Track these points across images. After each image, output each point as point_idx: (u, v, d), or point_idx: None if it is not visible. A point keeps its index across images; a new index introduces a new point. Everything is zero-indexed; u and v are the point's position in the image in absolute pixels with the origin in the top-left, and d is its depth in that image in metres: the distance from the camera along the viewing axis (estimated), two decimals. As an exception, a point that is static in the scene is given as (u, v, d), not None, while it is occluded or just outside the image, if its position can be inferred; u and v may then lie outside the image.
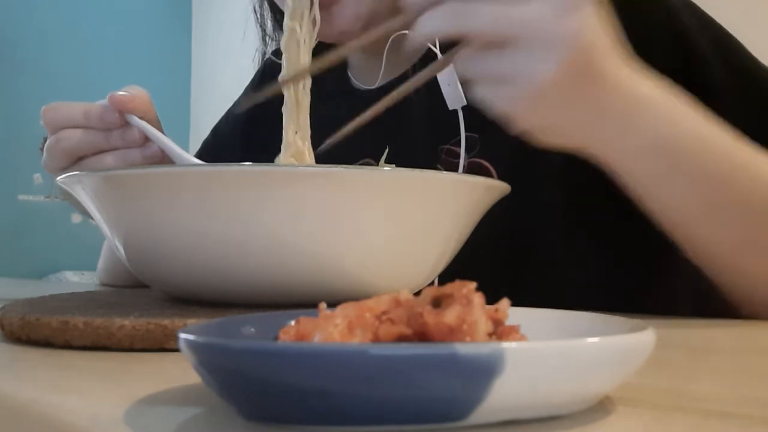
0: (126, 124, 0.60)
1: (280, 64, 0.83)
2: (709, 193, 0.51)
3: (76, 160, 0.61)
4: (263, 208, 0.40)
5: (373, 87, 0.76)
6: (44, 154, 0.62)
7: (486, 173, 0.66)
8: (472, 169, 0.66)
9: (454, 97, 0.59)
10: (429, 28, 0.44)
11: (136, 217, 0.43)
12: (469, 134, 0.64)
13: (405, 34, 0.67)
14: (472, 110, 0.59)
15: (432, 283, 0.51)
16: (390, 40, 0.69)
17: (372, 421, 0.20)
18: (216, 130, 0.94)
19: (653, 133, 0.48)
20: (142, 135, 0.60)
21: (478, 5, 0.42)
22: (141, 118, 0.61)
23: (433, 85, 0.69)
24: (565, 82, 0.43)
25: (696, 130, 0.50)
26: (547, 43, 0.42)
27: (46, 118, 0.61)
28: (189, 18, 3.79)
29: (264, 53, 0.87)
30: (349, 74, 0.80)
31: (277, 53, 0.85)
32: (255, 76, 0.94)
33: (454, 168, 0.66)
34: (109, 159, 0.61)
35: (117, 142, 0.60)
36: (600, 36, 0.45)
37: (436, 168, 0.68)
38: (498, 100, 0.45)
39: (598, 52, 0.44)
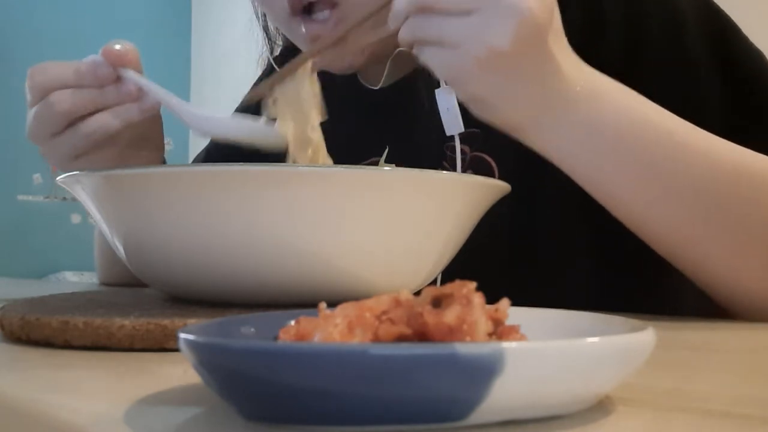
0: (119, 79, 0.58)
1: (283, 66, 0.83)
2: (656, 182, 0.51)
3: (70, 123, 0.58)
4: (263, 207, 0.40)
5: (378, 87, 0.76)
6: (31, 122, 0.59)
7: (488, 167, 0.66)
8: (474, 164, 0.67)
9: (452, 123, 0.59)
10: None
11: (136, 217, 0.43)
12: (471, 130, 0.65)
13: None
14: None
15: (434, 283, 0.51)
16: (390, 59, 0.70)
17: (372, 421, 0.20)
18: (207, 148, 0.93)
19: (592, 119, 0.49)
20: (137, 88, 0.58)
21: None
22: None
23: (432, 84, 0.69)
24: (516, 54, 0.44)
25: (640, 119, 0.50)
26: (506, 13, 0.43)
27: (34, 81, 0.58)
28: (189, 18, 3.79)
29: (268, 56, 0.87)
30: (358, 77, 0.81)
31: (283, 55, 0.86)
32: (259, 78, 0.94)
33: (455, 164, 0.67)
34: (106, 117, 0.58)
35: (112, 98, 0.58)
36: (555, 19, 0.46)
37: (442, 165, 0.69)
38: (446, 65, 0.46)
39: (551, 33, 0.46)
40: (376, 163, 0.71)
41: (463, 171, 0.67)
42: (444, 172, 0.65)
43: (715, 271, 0.53)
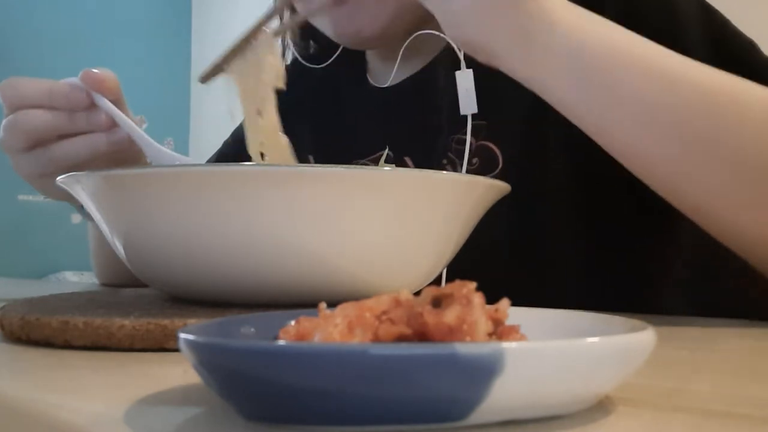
0: (92, 106, 0.56)
1: (297, 69, 0.85)
2: (635, 104, 0.50)
3: (37, 143, 0.58)
4: (262, 207, 0.40)
5: (386, 85, 0.77)
6: (2, 133, 0.58)
7: (493, 155, 0.67)
8: (479, 152, 0.67)
9: (467, 103, 0.60)
10: None
11: (136, 217, 0.43)
12: (476, 122, 0.65)
13: (418, 39, 0.68)
14: (480, 98, 0.60)
15: (439, 281, 0.51)
16: (404, 45, 0.70)
17: (372, 421, 0.20)
18: (235, 134, 0.93)
19: (574, 45, 0.49)
20: (109, 119, 0.57)
21: None
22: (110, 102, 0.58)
23: (439, 80, 0.70)
24: None
25: (620, 43, 0.50)
26: None
27: (3, 95, 0.57)
28: (189, 18, 3.79)
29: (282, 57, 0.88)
30: (368, 76, 0.81)
31: (310, 59, 0.87)
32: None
33: (461, 154, 0.68)
34: (73, 144, 0.57)
35: (82, 124, 0.57)
36: None
37: (447, 156, 0.69)
38: (439, 5, 0.47)
39: None
40: (389, 159, 0.72)
41: (469, 159, 0.67)
42: (444, 172, 0.65)
43: (708, 205, 0.51)
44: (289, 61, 0.88)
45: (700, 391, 0.29)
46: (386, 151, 0.71)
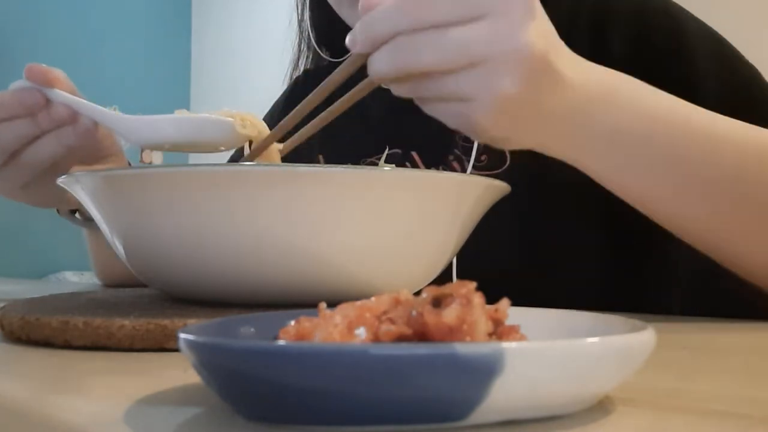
0: (48, 103, 0.55)
1: (310, 74, 0.86)
2: (677, 173, 0.50)
3: (10, 156, 0.57)
4: (262, 207, 0.40)
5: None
6: None
7: (500, 153, 0.67)
8: (488, 149, 0.68)
9: None
10: (380, 69, 0.44)
11: (136, 217, 0.43)
12: None
13: None
14: None
15: (448, 279, 0.51)
16: None
17: (372, 421, 0.20)
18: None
19: (609, 124, 0.48)
20: (70, 110, 0.55)
21: (426, 37, 0.42)
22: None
23: None
24: (528, 90, 0.43)
25: (656, 111, 0.49)
26: (507, 59, 0.42)
27: None
28: (189, 18, 3.79)
29: (295, 68, 0.89)
30: None
31: (307, 75, 0.87)
32: (286, 91, 0.94)
33: (468, 151, 0.68)
34: (42, 146, 0.56)
35: (46, 124, 0.55)
36: (550, 37, 0.45)
37: (453, 152, 0.70)
38: (458, 118, 0.45)
39: (552, 54, 0.44)
40: (397, 156, 0.73)
41: (479, 156, 0.68)
42: (444, 172, 0.66)
43: (754, 259, 0.53)
44: (302, 70, 0.89)
45: (700, 391, 0.29)
46: (386, 150, 0.71)
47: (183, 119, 0.52)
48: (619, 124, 0.48)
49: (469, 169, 0.67)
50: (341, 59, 0.81)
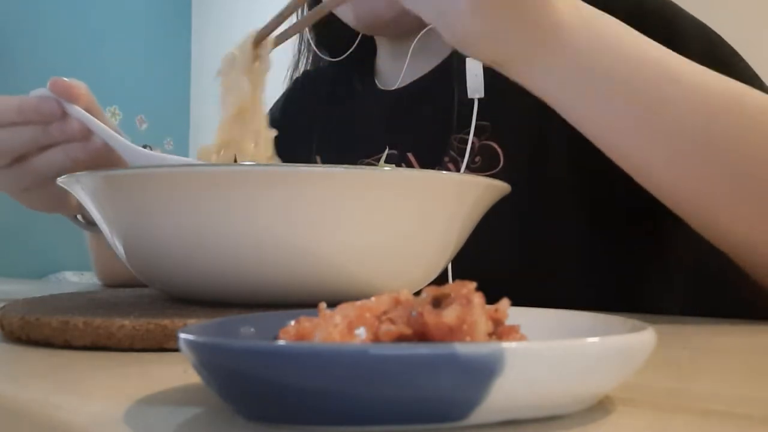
0: (64, 116, 0.56)
1: (309, 76, 0.87)
2: (649, 120, 0.49)
3: (16, 160, 0.57)
4: (262, 207, 0.40)
5: (394, 87, 0.79)
6: None
7: (494, 153, 0.68)
8: (482, 150, 0.68)
9: (475, 87, 0.61)
10: None
11: (136, 217, 0.43)
12: (479, 122, 0.66)
13: (429, 36, 0.69)
14: (484, 100, 0.61)
15: (445, 280, 0.51)
16: (416, 40, 0.72)
17: (372, 421, 0.20)
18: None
19: (582, 53, 0.48)
20: (83, 127, 0.56)
21: None
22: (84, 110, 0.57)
23: (447, 80, 0.71)
24: None
25: (634, 54, 0.49)
26: None
27: None
28: (189, 18, 3.79)
29: (295, 69, 0.90)
30: (375, 80, 0.84)
31: (306, 76, 0.88)
32: (286, 92, 0.94)
33: (463, 153, 0.69)
34: (50, 156, 0.57)
35: (56, 136, 0.56)
36: None
37: (449, 154, 0.70)
38: (434, 9, 0.46)
39: None
40: (393, 156, 0.73)
41: (473, 158, 0.68)
42: (444, 172, 0.66)
43: (715, 215, 0.51)
44: (301, 71, 0.90)
45: (700, 391, 0.29)
46: (386, 151, 0.72)
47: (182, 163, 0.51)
48: (588, 51, 0.48)
49: (463, 169, 0.68)
50: (340, 59, 0.82)
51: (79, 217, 0.68)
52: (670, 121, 0.49)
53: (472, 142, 0.68)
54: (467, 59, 0.61)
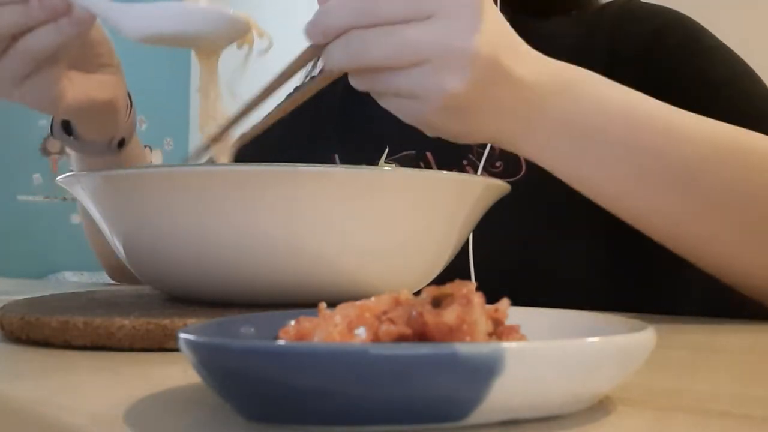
0: None
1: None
2: (636, 164, 0.50)
3: (2, 50, 0.55)
4: (262, 208, 0.40)
5: None
6: None
7: (516, 160, 0.68)
8: (504, 156, 0.69)
9: None
10: (334, 62, 0.46)
11: (136, 217, 0.43)
12: None
13: None
14: None
15: (468, 275, 0.50)
16: None
17: (372, 421, 0.20)
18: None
19: (562, 116, 0.49)
20: (63, 1, 0.53)
21: (376, 34, 0.44)
22: None
23: None
24: (475, 89, 0.45)
25: (610, 103, 0.50)
26: (455, 59, 0.44)
27: None
28: (189, 18, 3.79)
29: (313, 67, 0.89)
30: None
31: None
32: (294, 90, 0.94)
33: (482, 156, 0.69)
34: (42, 36, 0.55)
35: (38, 14, 0.54)
36: (503, 36, 0.46)
37: (467, 157, 0.70)
38: (407, 113, 0.47)
39: (502, 53, 0.46)
40: (411, 156, 0.73)
41: (494, 162, 0.68)
42: (444, 171, 0.66)
43: (718, 256, 0.52)
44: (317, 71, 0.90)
45: (700, 391, 0.29)
46: (386, 150, 0.72)
47: (178, 10, 0.48)
48: (572, 115, 0.49)
49: (479, 173, 0.68)
50: None
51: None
52: (663, 169, 0.50)
53: (493, 147, 0.68)
54: None
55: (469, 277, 0.61)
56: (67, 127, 0.68)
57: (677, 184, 0.50)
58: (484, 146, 0.69)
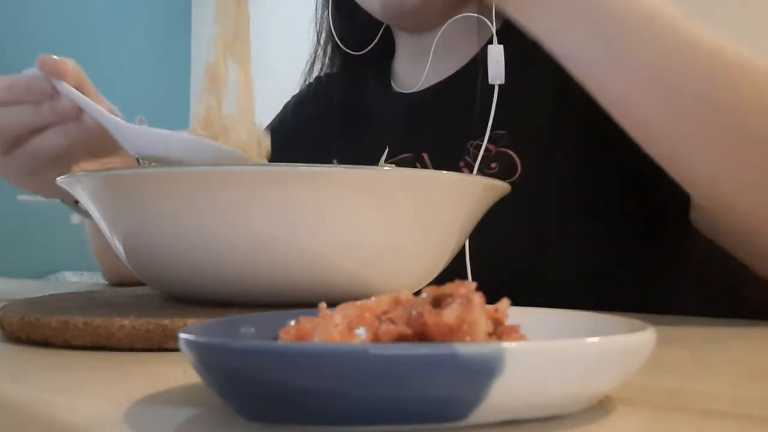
0: (55, 95, 0.55)
1: (323, 82, 0.87)
2: (646, 64, 0.50)
3: (11, 145, 0.57)
4: (262, 207, 0.40)
5: (413, 91, 0.79)
6: None
7: (511, 161, 0.68)
8: (498, 158, 0.69)
9: (496, 73, 0.62)
10: None
11: (136, 217, 0.43)
12: (496, 132, 0.66)
13: (451, 34, 0.70)
14: (500, 109, 0.60)
15: (465, 275, 0.51)
16: (436, 40, 0.72)
17: (372, 421, 0.20)
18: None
19: (589, 8, 0.49)
20: (74, 106, 0.55)
21: None
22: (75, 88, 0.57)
23: (467, 84, 0.71)
24: None
25: (645, 9, 0.50)
26: None
27: None
28: (189, 18, 3.79)
29: (311, 70, 0.90)
30: (392, 82, 0.84)
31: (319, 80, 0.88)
32: (297, 95, 0.94)
33: (476, 158, 0.69)
34: (47, 137, 0.56)
35: (49, 116, 0.56)
36: None
37: (464, 159, 0.71)
38: None
39: None
40: (408, 159, 0.73)
41: (489, 164, 0.69)
42: (443, 171, 0.66)
43: (709, 174, 0.52)
44: (315, 74, 0.90)
45: (700, 391, 0.29)
46: (386, 151, 0.72)
47: (178, 139, 0.51)
48: (596, 10, 0.49)
49: (474, 172, 0.68)
50: (363, 52, 0.81)
51: (80, 204, 0.68)
52: (675, 79, 0.49)
53: (489, 149, 0.69)
54: (489, 45, 0.62)
55: (466, 278, 0.61)
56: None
57: (687, 100, 0.49)
58: (479, 148, 0.69)
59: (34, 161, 0.58)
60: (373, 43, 0.81)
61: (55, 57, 0.55)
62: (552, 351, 0.21)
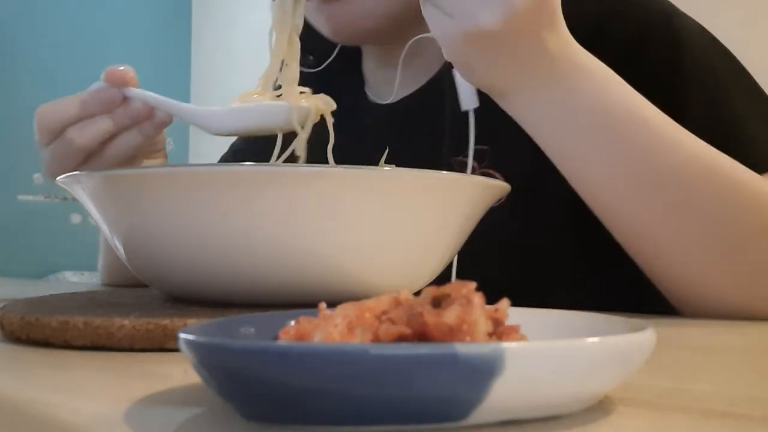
0: (124, 100, 0.58)
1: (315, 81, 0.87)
2: (622, 166, 0.52)
3: (89, 155, 0.59)
4: (262, 207, 0.40)
5: (387, 102, 0.77)
6: (50, 160, 0.59)
7: (503, 160, 0.68)
8: (480, 169, 0.68)
9: (468, 98, 0.61)
10: None
11: (136, 217, 0.43)
12: (479, 147, 0.66)
13: (420, 42, 0.69)
14: (483, 124, 0.60)
15: (449, 280, 0.51)
16: (405, 50, 0.70)
17: (372, 421, 0.20)
18: (233, 147, 0.93)
19: (570, 96, 0.51)
20: (145, 105, 0.59)
21: None
22: None
23: (446, 99, 0.70)
24: (502, 36, 0.47)
25: (621, 101, 0.52)
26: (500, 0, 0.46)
27: (43, 123, 0.59)
28: (189, 18, 3.79)
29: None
30: (366, 90, 0.82)
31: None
32: None
33: (463, 169, 0.68)
34: (126, 141, 0.59)
35: (124, 121, 0.58)
36: (551, 11, 0.49)
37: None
38: (438, 28, 0.49)
39: (540, 19, 0.48)
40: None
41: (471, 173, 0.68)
42: (444, 172, 0.66)
43: (667, 265, 0.55)
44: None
45: (700, 391, 0.29)
46: (386, 151, 0.71)
47: (248, 108, 0.56)
48: (577, 96, 0.51)
49: None
50: (319, 68, 0.79)
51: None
52: (643, 170, 0.52)
53: (473, 167, 0.68)
54: (454, 71, 0.61)
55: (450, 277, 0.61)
56: None
57: (652, 190, 0.52)
58: (464, 167, 0.68)
59: (112, 165, 0.60)
60: (330, 58, 0.79)
61: (119, 68, 0.59)
62: (552, 351, 0.21)
